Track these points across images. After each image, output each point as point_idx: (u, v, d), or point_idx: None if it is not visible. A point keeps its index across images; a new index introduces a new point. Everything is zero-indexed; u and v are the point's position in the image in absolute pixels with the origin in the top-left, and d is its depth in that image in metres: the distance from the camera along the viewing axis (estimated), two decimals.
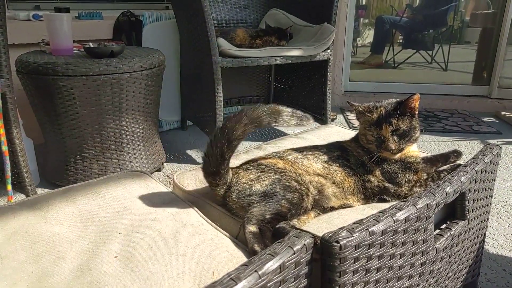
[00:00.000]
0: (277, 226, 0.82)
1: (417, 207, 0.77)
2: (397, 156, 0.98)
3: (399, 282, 0.80)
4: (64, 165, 1.85)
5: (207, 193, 0.98)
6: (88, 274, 0.69)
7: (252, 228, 0.81)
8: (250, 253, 0.78)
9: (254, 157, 1.02)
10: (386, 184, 0.97)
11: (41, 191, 1.83)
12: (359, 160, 1.00)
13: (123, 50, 1.87)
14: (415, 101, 0.98)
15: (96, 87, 1.69)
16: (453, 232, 0.92)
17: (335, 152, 1.02)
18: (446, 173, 0.99)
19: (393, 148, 0.95)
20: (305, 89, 2.63)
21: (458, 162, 1.07)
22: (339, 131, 1.44)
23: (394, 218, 0.73)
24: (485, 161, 0.98)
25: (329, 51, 2.29)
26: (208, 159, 0.89)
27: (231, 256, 0.75)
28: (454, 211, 0.97)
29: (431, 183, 0.97)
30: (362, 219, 0.72)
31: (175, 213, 0.89)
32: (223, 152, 0.87)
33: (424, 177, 0.99)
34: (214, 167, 0.89)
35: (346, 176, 0.96)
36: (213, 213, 0.93)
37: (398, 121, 0.96)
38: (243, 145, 2.54)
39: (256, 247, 0.77)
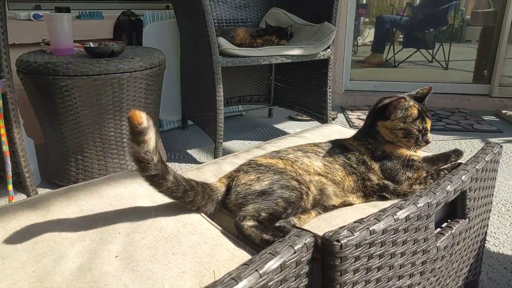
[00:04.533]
0: (278, 225, 0.82)
1: (417, 206, 0.77)
2: (407, 153, 1.00)
3: (400, 281, 0.80)
4: (65, 165, 1.85)
5: None
6: (89, 273, 0.69)
7: (249, 222, 0.81)
8: (261, 244, 0.77)
9: (254, 156, 1.02)
10: (386, 182, 0.97)
11: (42, 191, 1.83)
12: (360, 158, 1.00)
13: (124, 50, 1.87)
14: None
15: (97, 86, 1.69)
16: (454, 230, 0.92)
17: (336, 150, 1.02)
18: (446, 171, 0.99)
19: (431, 139, 1.02)
20: (305, 88, 2.63)
21: (459, 161, 1.07)
22: (339, 130, 1.44)
23: (395, 217, 0.73)
24: (486, 159, 0.98)
25: (329, 50, 2.29)
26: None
27: (232, 256, 0.75)
28: (455, 209, 0.97)
29: (431, 181, 0.97)
30: (362, 218, 0.72)
31: (176, 212, 0.89)
32: None
33: (424, 175, 0.98)
34: None
35: (347, 175, 0.96)
36: (213, 212, 0.93)
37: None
38: (244, 144, 2.54)
39: (266, 236, 0.77)
